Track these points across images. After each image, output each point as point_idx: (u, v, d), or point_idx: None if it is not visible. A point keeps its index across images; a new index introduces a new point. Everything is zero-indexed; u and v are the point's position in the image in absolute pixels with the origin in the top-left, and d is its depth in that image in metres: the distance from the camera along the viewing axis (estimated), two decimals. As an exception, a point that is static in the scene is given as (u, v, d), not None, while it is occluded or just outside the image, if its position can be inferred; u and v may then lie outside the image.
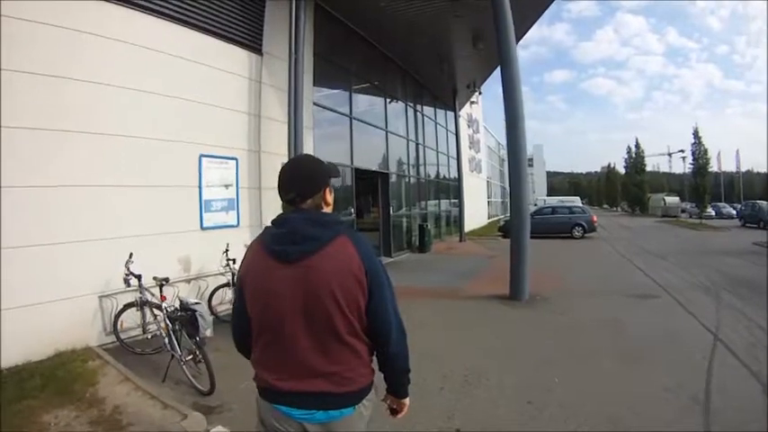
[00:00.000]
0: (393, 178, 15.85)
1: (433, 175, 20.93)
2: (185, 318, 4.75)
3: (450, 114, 22.51)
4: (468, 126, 28.31)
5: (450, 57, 15.94)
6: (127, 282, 5.76)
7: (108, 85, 6.29)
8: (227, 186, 8.07)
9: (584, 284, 10.09)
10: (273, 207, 8.29)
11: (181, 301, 4.95)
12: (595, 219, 22.83)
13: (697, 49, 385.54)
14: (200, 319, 4.67)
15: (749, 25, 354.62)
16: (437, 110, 21.61)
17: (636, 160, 57.44)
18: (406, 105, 17.63)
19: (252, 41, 8.77)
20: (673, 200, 50.67)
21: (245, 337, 1.85)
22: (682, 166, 57.12)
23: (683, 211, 47.11)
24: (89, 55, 6.11)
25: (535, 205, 39.93)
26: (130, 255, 5.87)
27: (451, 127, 22.51)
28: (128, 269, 5.76)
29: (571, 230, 21.95)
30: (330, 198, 1.86)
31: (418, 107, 18.87)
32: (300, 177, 1.81)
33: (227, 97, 8.15)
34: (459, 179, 21.79)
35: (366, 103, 14.59)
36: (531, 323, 7.08)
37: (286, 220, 1.75)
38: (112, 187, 6.35)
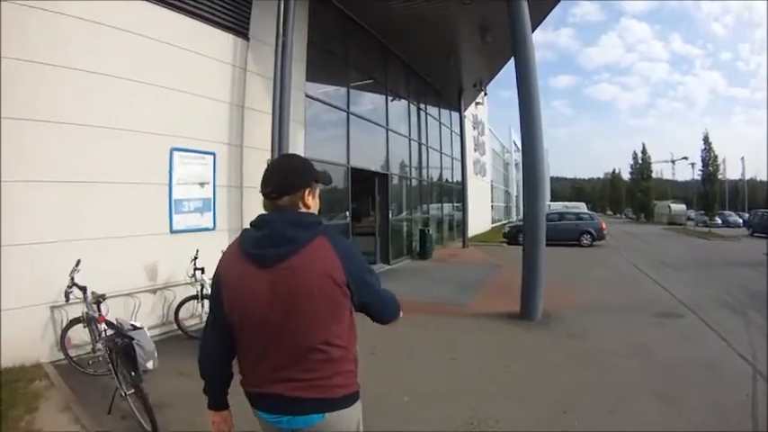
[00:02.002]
0: (393, 180, 14.88)
1: (435, 178, 19.93)
2: (121, 346, 3.82)
3: (455, 115, 21.53)
4: (474, 128, 27.33)
5: (456, 51, 14.96)
6: (67, 296, 4.87)
7: (63, 67, 5.47)
8: (202, 184, 7.16)
9: (601, 300, 9.15)
10: (256, 208, 7.21)
11: (114, 325, 4.02)
12: (605, 226, 21.87)
13: (702, 55, 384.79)
14: (137, 349, 3.73)
15: (753, 32, 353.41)
16: (441, 109, 20.62)
17: (642, 166, 56.54)
18: (409, 103, 16.67)
19: (237, 24, 7.90)
20: (679, 207, 49.77)
21: (218, 348, 1.80)
22: (685, 173, 56.54)
23: (689, 219, 46.24)
24: (39, 32, 5.31)
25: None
26: (77, 262, 5.01)
27: (456, 128, 21.56)
28: (71, 279, 4.87)
29: (579, 238, 20.95)
30: (311, 201, 1.81)
31: (422, 105, 17.91)
32: (281, 173, 1.81)
33: (206, 84, 7.29)
34: (463, 182, 20.80)
35: (365, 99, 13.64)
36: (548, 351, 6.08)
37: (266, 221, 1.73)
38: (65, 183, 5.54)
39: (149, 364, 3.86)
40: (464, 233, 20.34)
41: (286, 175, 1.78)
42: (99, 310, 4.49)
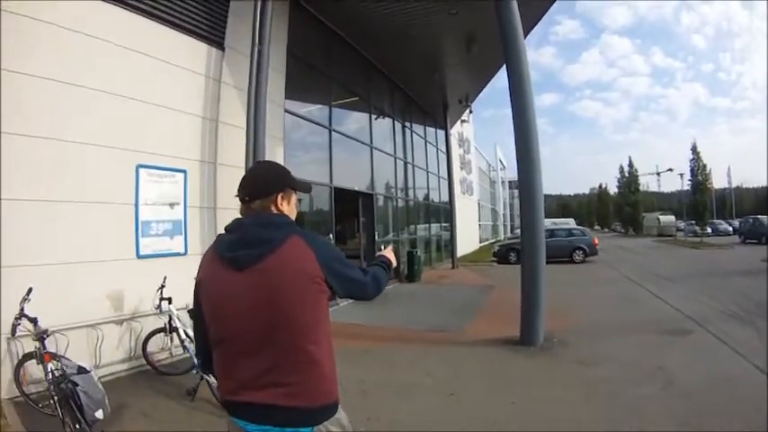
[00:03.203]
0: (379, 200, 14.33)
1: (422, 197, 19.38)
2: (65, 393, 3.20)
3: (441, 132, 21.09)
4: (459, 146, 26.92)
5: (441, 65, 14.56)
6: (14, 328, 4.29)
7: (19, 73, 4.95)
8: (172, 205, 6.57)
9: (603, 319, 8.61)
10: None
11: (59, 366, 3.42)
12: (597, 241, 21.48)
13: (683, 68, 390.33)
14: (82, 396, 3.12)
15: (733, 42, 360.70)
16: (427, 127, 20.22)
17: (630, 179, 56.57)
18: (394, 120, 16.21)
19: (211, 33, 7.41)
20: (668, 219, 49.66)
21: (209, 356, 1.77)
22: (670, 185, 57.04)
23: (678, 229, 46.14)
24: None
25: (528, 228, 38.90)
26: (28, 291, 4.41)
27: (442, 146, 21.08)
28: (21, 310, 4.30)
29: (571, 254, 20.57)
30: (285, 207, 1.80)
31: (407, 123, 17.47)
32: (255, 178, 1.87)
33: (176, 96, 6.76)
34: (450, 201, 20.28)
35: (349, 116, 13.15)
36: (555, 381, 5.44)
37: (239, 224, 1.75)
38: (18, 202, 4.94)
39: (98, 414, 3.28)
40: (453, 254, 19.73)
41: (259, 180, 1.82)
42: (43, 346, 3.91)
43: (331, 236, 10.66)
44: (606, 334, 7.44)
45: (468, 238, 27.80)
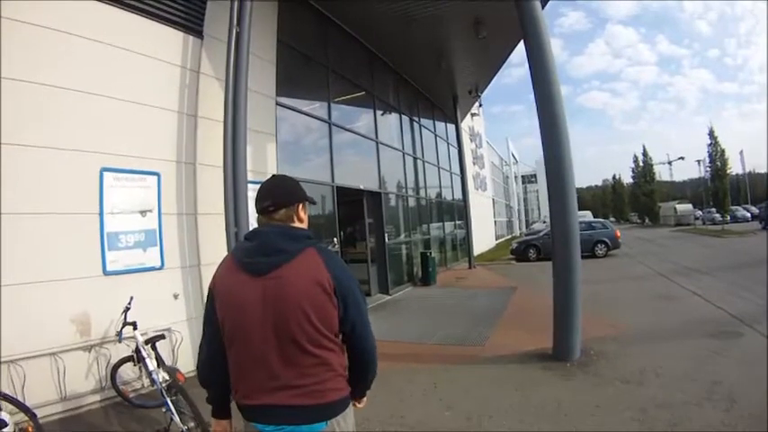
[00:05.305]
0: (388, 199, 13.36)
1: (434, 195, 18.28)
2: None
3: (451, 126, 20.01)
4: (471, 140, 25.96)
5: (448, 53, 13.57)
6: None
7: None
8: (143, 213, 5.72)
9: (640, 322, 7.64)
10: (216, 238, 5.99)
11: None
12: (619, 234, 20.37)
13: (688, 55, 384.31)
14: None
15: (738, 26, 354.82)
16: (436, 121, 19.16)
17: (645, 169, 55.30)
18: (401, 113, 15.21)
19: (188, 20, 6.58)
20: (685, 207, 48.40)
21: (215, 359, 1.84)
22: (682, 173, 56.01)
23: (696, 218, 44.94)
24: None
25: (544, 222, 37.87)
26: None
27: (453, 140, 20.02)
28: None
29: (593, 248, 19.41)
30: (304, 215, 1.94)
31: (414, 117, 16.44)
32: (278, 188, 1.92)
33: (147, 90, 5.96)
34: (464, 198, 19.18)
35: (350, 109, 12.11)
36: (600, 407, 4.46)
37: (258, 233, 1.84)
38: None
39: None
40: (470, 253, 18.72)
41: (283, 190, 1.91)
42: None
43: (336, 240, 9.76)
44: (647, 342, 6.48)
45: (483, 236, 26.85)
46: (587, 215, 38.41)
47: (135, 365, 4.80)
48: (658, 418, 4.13)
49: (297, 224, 1.88)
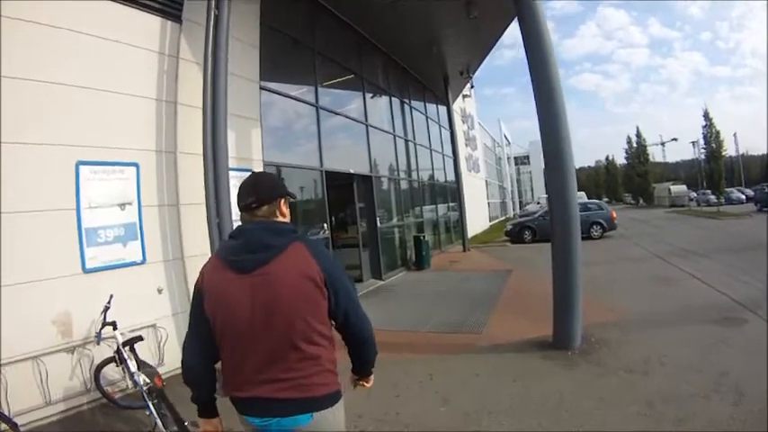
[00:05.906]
0: (379, 183, 13.12)
1: (426, 178, 18.04)
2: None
3: (443, 108, 19.70)
4: (463, 122, 25.66)
5: (439, 33, 13.28)
6: None
7: None
8: (122, 206, 5.45)
9: (641, 307, 7.47)
10: (200, 230, 5.75)
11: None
12: (615, 215, 20.18)
13: (680, 38, 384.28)
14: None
15: (730, 11, 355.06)
16: (427, 103, 18.86)
17: (638, 150, 55.23)
18: (391, 96, 14.91)
19: (166, 4, 6.22)
20: (680, 189, 48.35)
21: (200, 357, 1.85)
22: (675, 155, 56.29)
23: (690, 199, 44.95)
24: None
25: (538, 204, 37.73)
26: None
27: (445, 122, 19.77)
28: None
29: (588, 230, 19.14)
30: (286, 210, 1.93)
31: (405, 99, 16.15)
32: (260, 184, 1.91)
33: (123, 78, 5.64)
34: (457, 180, 18.97)
35: (339, 92, 11.80)
36: (604, 400, 4.29)
37: (242, 230, 1.84)
38: None
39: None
40: (463, 235, 18.54)
41: (264, 186, 1.90)
42: None
43: (326, 226, 9.52)
44: (649, 328, 6.33)
45: (477, 218, 26.72)
46: (582, 196, 38.26)
47: (117, 366, 4.60)
48: (662, 408, 3.99)
49: (279, 219, 1.88)
